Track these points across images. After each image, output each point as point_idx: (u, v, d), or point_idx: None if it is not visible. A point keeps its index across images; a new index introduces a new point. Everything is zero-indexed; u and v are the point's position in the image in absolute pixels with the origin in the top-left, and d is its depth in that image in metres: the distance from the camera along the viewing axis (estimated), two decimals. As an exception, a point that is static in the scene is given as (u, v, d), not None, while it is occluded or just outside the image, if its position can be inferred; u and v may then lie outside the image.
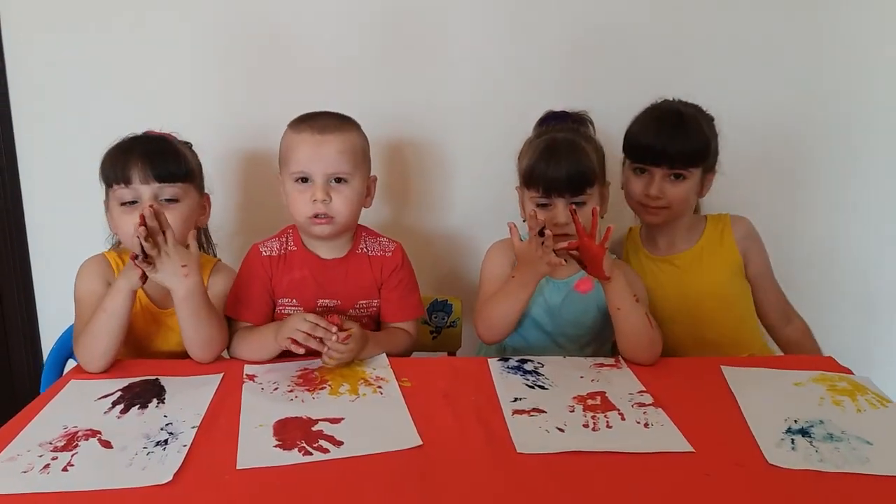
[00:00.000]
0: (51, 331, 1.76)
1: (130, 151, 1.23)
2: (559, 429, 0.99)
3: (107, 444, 0.93)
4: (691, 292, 1.42)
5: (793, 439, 0.97)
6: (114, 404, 1.05)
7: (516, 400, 1.08)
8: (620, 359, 1.25)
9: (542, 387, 1.13)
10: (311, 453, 0.91)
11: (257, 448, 0.93)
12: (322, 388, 1.11)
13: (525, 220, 1.28)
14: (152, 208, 1.14)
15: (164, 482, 0.84)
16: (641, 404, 1.07)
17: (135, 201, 1.22)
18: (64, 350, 1.37)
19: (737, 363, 1.23)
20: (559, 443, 0.95)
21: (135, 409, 1.03)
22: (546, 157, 1.27)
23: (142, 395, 1.08)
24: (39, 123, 1.68)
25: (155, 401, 1.06)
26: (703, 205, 1.51)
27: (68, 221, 1.70)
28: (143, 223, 1.12)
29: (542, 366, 1.21)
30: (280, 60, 1.66)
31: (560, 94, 1.53)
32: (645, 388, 1.12)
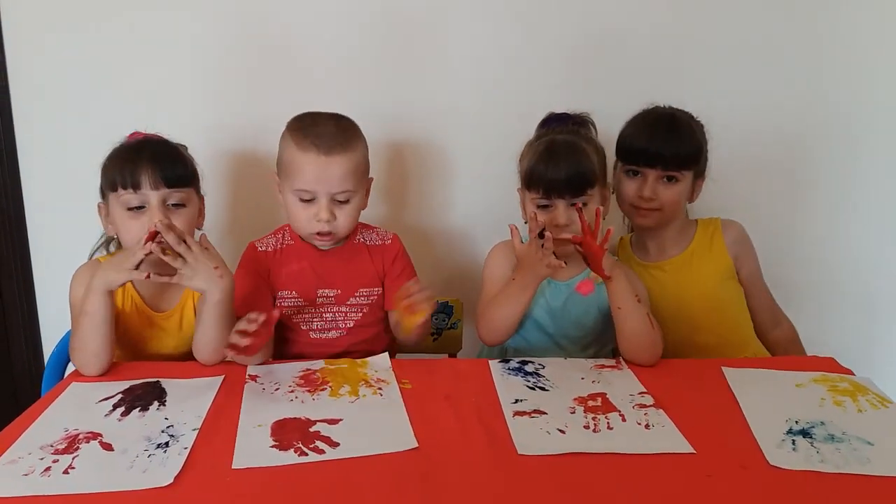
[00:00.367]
0: (52, 333, 1.77)
1: (138, 156, 1.20)
2: (560, 430, 0.99)
3: (108, 446, 0.93)
4: (684, 296, 1.42)
5: (794, 440, 0.97)
6: (115, 407, 1.05)
7: (517, 401, 1.08)
8: (621, 360, 1.25)
9: (542, 388, 1.13)
10: (307, 454, 0.91)
11: (254, 448, 0.93)
12: (323, 390, 1.11)
13: (526, 221, 1.28)
14: (163, 223, 1.13)
15: (164, 484, 0.84)
16: (642, 405, 1.07)
17: (142, 206, 1.20)
18: (65, 353, 1.36)
19: (737, 364, 1.23)
20: (560, 444, 0.95)
21: (136, 412, 1.03)
22: (546, 158, 1.27)
23: (143, 397, 1.08)
24: (40, 123, 1.68)
25: (156, 403, 1.06)
26: (704, 207, 1.50)
27: (69, 222, 1.69)
28: (154, 238, 1.12)
29: (543, 367, 1.21)
30: (280, 60, 1.66)
31: (562, 96, 1.53)
32: (646, 390, 1.12)
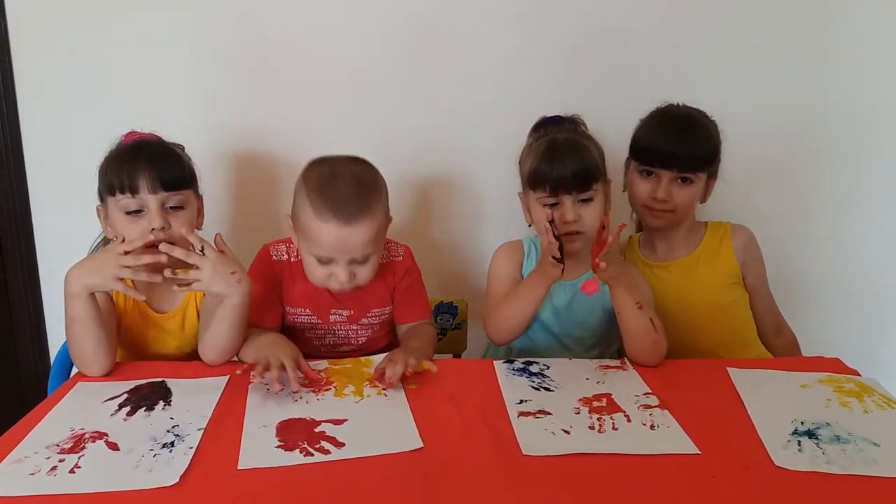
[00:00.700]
0: (58, 332, 1.77)
1: (135, 160, 1.19)
2: (565, 431, 0.99)
3: (113, 446, 0.93)
4: (687, 298, 1.41)
5: (799, 441, 0.96)
6: (120, 406, 1.05)
7: (522, 402, 1.08)
8: (626, 360, 1.25)
9: (547, 389, 1.13)
10: (313, 454, 0.92)
11: (259, 448, 0.93)
12: (327, 390, 1.11)
13: (530, 224, 1.28)
14: (167, 245, 1.11)
15: (170, 484, 0.84)
16: (647, 406, 1.07)
17: (140, 210, 1.20)
18: (70, 352, 1.37)
19: (743, 365, 1.23)
20: (565, 445, 0.95)
21: (141, 412, 1.03)
22: (549, 157, 1.27)
23: (148, 397, 1.08)
24: (44, 124, 1.68)
25: (161, 403, 1.06)
26: (709, 208, 1.50)
27: (75, 222, 1.69)
28: (164, 262, 1.10)
29: (548, 368, 1.21)
30: (280, 60, 1.66)
31: (562, 96, 1.53)
32: (651, 390, 1.12)
